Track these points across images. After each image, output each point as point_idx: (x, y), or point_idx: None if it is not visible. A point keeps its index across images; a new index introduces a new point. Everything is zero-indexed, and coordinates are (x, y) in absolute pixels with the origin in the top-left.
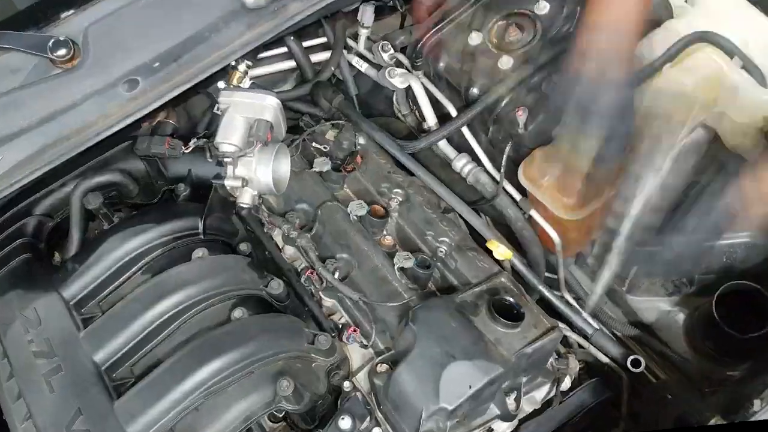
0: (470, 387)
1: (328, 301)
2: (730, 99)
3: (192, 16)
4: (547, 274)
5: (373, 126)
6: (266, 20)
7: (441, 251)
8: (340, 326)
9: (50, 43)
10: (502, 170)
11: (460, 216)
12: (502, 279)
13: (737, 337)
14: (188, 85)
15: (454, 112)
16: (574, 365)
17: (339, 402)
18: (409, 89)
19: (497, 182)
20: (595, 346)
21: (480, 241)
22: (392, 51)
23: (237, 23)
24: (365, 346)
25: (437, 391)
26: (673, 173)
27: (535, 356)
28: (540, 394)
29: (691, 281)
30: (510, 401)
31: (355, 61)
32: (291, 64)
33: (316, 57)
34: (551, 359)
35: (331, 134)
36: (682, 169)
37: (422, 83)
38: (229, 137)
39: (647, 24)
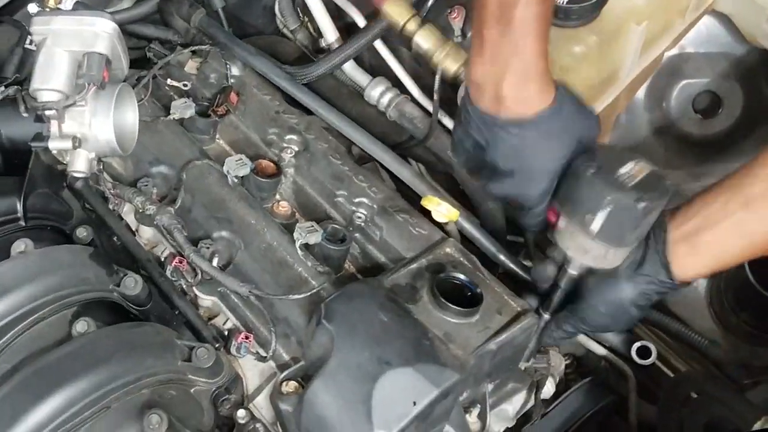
0: (414, 404)
1: (206, 300)
2: None
3: None
4: (510, 238)
5: (249, 49)
6: None
7: (359, 217)
8: (226, 333)
9: None
10: (436, 97)
11: (382, 166)
12: (448, 249)
13: None
14: None
15: (362, 22)
16: (559, 362)
17: None
18: None
19: (430, 114)
20: (585, 333)
21: (413, 198)
22: None
23: None
24: (263, 359)
25: (369, 414)
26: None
27: (503, 354)
28: (513, 405)
29: None
30: (472, 419)
31: None
32: None
33: None
34: (525, 356)
35: (192, 65)
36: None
37: None
38: (49, 81)
39: None
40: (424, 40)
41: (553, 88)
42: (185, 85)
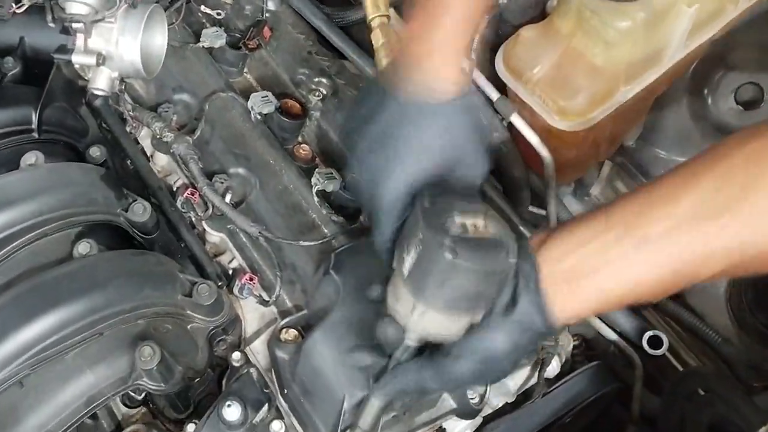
0: None
1: (214, 236)
2: None
3: None
4: (532, 208)
5: None
6: None
7: None
8: (231, 272)
9: None
10: (473, 55)
11: None
12: None
13: None
14: None
15: None
16: (566, 342)
17: (225, 381)
18: None
19: (466, 74)
20: (597, 316)
21: None
22: None
23: None
24: (266, 303)
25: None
26: None
27: None
28: (515, 381)
29: None
30: (471, 391)
31: None
32: None
33: None
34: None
35: None
36: None
37: None
38: None
39: None
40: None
41: (459, 85)
42: (219, 14)
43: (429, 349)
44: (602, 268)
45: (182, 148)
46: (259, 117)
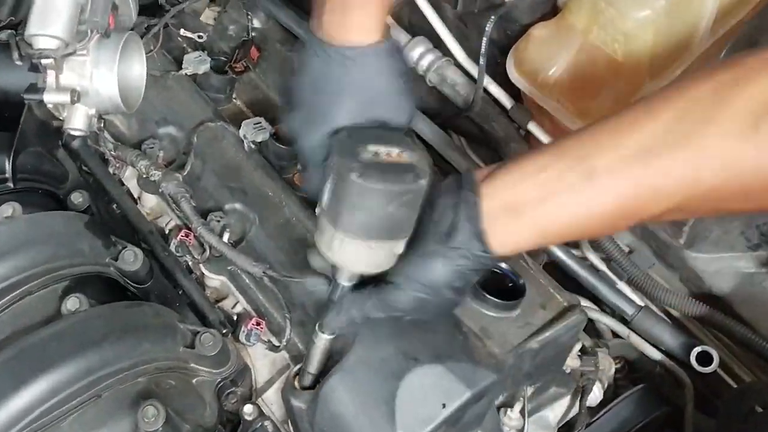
0: (444, 406)
1: (214, 279)
2: None
3: None
4: None
5: None
6: None
7: None
8: (235, 318)
9: None
10: (482, 61)
11: (417, 135)
12: None
13: None
14: None
15: None
16: (607, 365)
17: None
18: None
19: (475, 80)
20: (639, 335)
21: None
22: None
23: None
24: (276, 348)
25: (392, 415)
26: None
27: (546, 354)
28: (555, 412)
29: None
30: (509, 422)
31: None
32: None
33: None
34: (572, 357)
35: (209, 14)
36: None
37: None
38: (47, 26)
39: None
40: None
41: (381, 33)
42: (200, 37)
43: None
44: (544, 201)
45: (172, 186)
46: (252, 146)
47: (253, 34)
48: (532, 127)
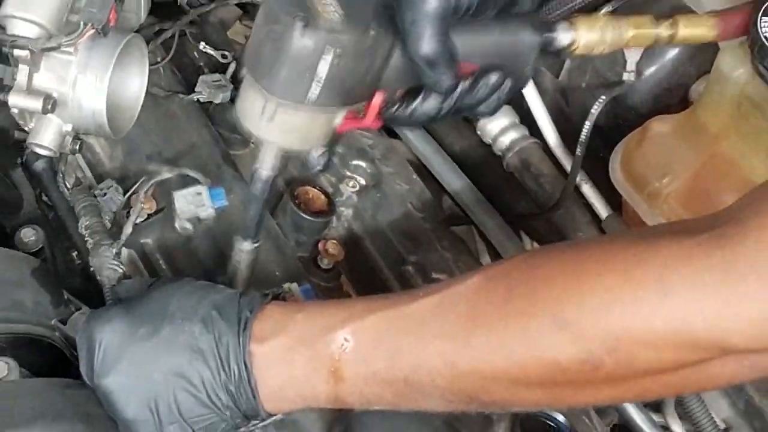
0: None
1: None
2: None
3: None
4: None
5: None
6: None
7: None
8: None
9: None
10: (579, 151)
11: (480, 234)
12: None
13: None
14: None
15: None
16: None
17: None
18: None
19: (566, 175)
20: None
21: None
22: None
23: None
24: None
25: None
26: None
27: None
28: None
29: None
30: None
31: None
32: None
33: None
34: None
35: (239, 30)
36: None
37: None
38: (28, 7)
39: None
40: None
41: None
42: (224, 56)
43: None
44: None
45: (98, 262)
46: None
47: None
48: None
